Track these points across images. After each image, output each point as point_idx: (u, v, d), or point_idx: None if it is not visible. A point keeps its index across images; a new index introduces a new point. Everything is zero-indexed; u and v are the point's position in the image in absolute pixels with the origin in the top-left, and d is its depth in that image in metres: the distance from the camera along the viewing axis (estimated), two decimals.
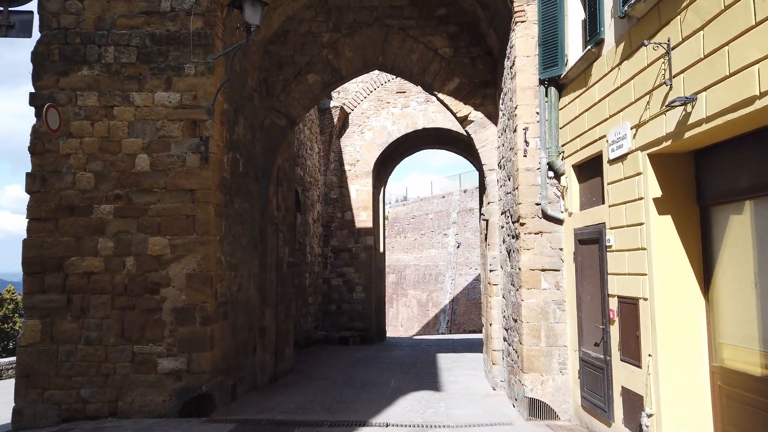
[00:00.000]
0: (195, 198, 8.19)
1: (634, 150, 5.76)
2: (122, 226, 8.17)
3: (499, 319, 10.06)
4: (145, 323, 8.04)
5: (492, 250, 10.24)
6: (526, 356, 7.75)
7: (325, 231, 19.39)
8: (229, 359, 8.84)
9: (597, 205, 6.85)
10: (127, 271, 8.12)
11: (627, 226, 5.94)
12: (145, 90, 8.32)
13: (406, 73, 10.73)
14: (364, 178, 19.44)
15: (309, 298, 17.46)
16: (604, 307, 6.55)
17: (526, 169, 8.01)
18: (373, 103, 19.61)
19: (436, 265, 34.60)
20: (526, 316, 7.80)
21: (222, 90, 8.53)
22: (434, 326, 33.44)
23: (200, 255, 8.11)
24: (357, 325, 18.90)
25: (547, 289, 7.83)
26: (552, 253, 7.89)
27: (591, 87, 6.85)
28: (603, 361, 6.59)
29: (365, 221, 19.33)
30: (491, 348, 10.28)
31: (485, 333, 11.23)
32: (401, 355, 15.67)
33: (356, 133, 19.60)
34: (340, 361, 14.29)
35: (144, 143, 8.27)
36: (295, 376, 11.80)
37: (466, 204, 33.60)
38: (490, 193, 10.33)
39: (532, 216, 7.95)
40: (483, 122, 10.42)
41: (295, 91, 10.71)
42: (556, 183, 7.93)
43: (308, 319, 17.40)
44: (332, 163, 19.61)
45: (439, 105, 19.31)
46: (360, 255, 19.25)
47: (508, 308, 9.17)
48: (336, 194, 19.55)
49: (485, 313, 11.22)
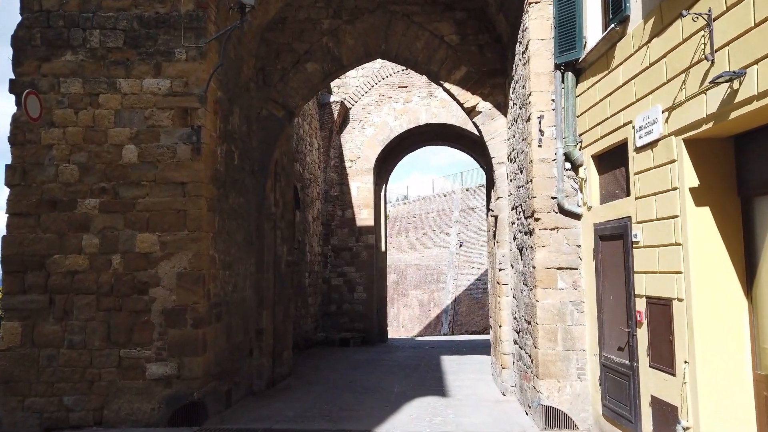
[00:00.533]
0: (186, 192, 7.65)
1: (666, 135, 5.23)
2: (108, 221, 7.63)
3: (509, 321, 9.53)
4: (132, 326, 7.50)
5: (501, 248, 9.70)
6: (542, 361, 7.21)
7: (325, 229, 18.85)
8: (223, 363, 8.30)
9: (620, 198, 6.32)
10: (114, 269, 7.58)
11: (658, 220, 5.41)
12: (132, 76, 7.78)
13: (411, 62, 10.19)
14: (365, 175, 18.90)
15: (308, 299, 16.92)
16: (629, 308, 6.01)
17: (540, 161, 7.47)
18: (374, 98, 19.08)
19: (438, 264, 34.07)
20: (542, 318, 7.26)
21: (215, 76, 7.99)
22: (436, 327, 32.91)
23: (192, 252, 7.57)
24: (358, 326, 18.37)
25: (564, 289, 7.30)
26: (569, 250, 7.35)
27: (614, 69, 6.31)
28: (628, 367, 6.05)
29: (366, 219, 18.80)
30: (500, 351, 9.74)
31: (493, 335, 10.70)
32: (404, 357, 15.13)
33: (357, 128, 19.07)
34: (341, 363, 13.76)
35: (131, 133, 7.73)
36: (294, 380, 11.26)
37: (469, 202, 33.06)
38: (499, 187, 9.80)
39: (548, 211, 7.41)
40: (491, 113, 9.88)
41: (293, 80, 10.17)
42: (573, 175, 7.39)
43: (308, 320, 16.86)
44: (332, 160, 19.08)
45: (442, 100, 18.82)
46: (361, 254, 18.71)
47: (519, 309, 8.64)
48: (336, 192, 19.01)
49: (493, 315, 10.68)
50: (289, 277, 11.57)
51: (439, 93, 18.85)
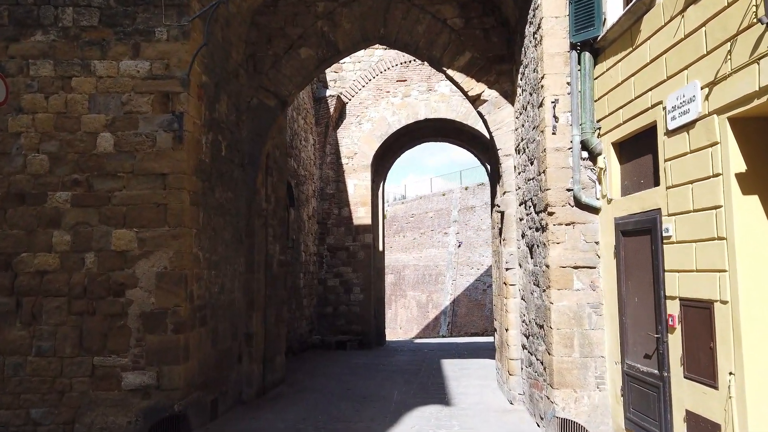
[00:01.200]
0: (167, 184, 6.99)
1: (706, 114, 4.59)
2: (81, 216, 6.97)
3: (517, 324, 8.88)
4: (107, 331, 6.84)
5: (508, 246, 9.06)
6: (557, 369, 6.56)
7: (321, 228, 18.19)
8: (208, 372, 7.63)
9: (647, 188, 5.68)
10: (87, 269, 6.91)
11: (695, 211, 4.77)
12: (108, 58, 7.12)
13: (411, 47, 9.54)
14: (362, 172, 18.26)
15: (303, 300, 16.26)
16: (659, 311, 5.37)
17: (555, 150, 6.83)
18: (371, 92, 18.43)
19: (436, 265, 33.43)
20: (556, 322, 6.61)
21: (200, 59, 7.34)
22: (434, 328, 32.27)
23: (173, 250, 6.90)
24: (355, 329, 17.71)
25: (581, 290, 6.65)
26: (586, 247, 6.71)
27: (640, 46, 5.67)
28: (657, 377, 5.41)
29: (363, 218, 18.15)
30: (507, 356, 9.10)
31: (499, 339, 10.05)
32: (403, 362, 14.47)
33: (354, 124, 18.42)
34: (337, 368, 13.09)
35: (107, 120, 7.06)
36: (287, 387, 10.59)
37: (468, 202, 32.44)
38: (506, 181, 9.16)
39: (563, 204, 6.77)
40: (498, 101, 9.24)
41: (286, 67, 9.51)
42: (591, 165, 6.75)
43: (302, 323, 16.20)
44: (328, 156, 18.42)
45: (441, 94, 18.19)
46: (358, 254, 18.06)
47: (529, 312, 7.99)
48: (332, 189, 18.36)
49: (499, 317, 10.04)
50: (282, 278, 10.91)
51: (439, 87, 18.24)
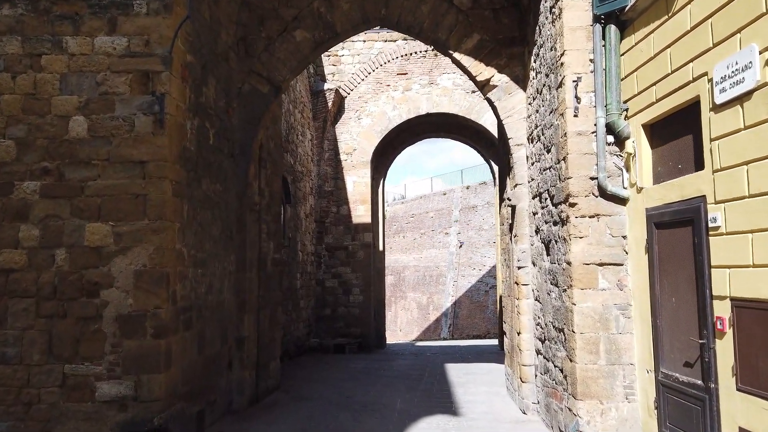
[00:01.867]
0: (146, 172, 6.30)
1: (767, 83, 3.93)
2: (51, 209, 6.28)
3: (530, 327, 8.21)
4: (79, 336, 6.14)
5: (520, 243, 8.38)
6: (581, 377, 5.88)
7: (319, 227, 17.51)
8: (193, 380, 6.94)
9: (688, 173, 5.01)
10: (57, 267, 6.22)
11: (751, 197, 4.10)
12: (82, 33, 6.43)
13: (415, 29, 8.87)
14: (361, 169, 17.59)
15: (300, 302, 15.57)
16: (703, 313, 4.70)
17: (576, 134, 6.16)
18: (371, 86, 17.77)
19: (437, 266, 32.77)
20: (580, 325, 5.93)
21: (183, 35, 6.66)
22: (435, 331, 31.59)
23: (153, 246, 6.21)
24: (354, 331, 17.03)
25: (607, 290, 5.98)
26: (612, 242, 6.03)
27: (678, 12, 5.00)
28: (702, 388, 4.73)
29: (363, 216, 17.47)
30: (519, 362, 8.42)
31: (509, 343, 9.37)
32: (405, 366, 13.79)
33: (353, 119, 17.75)
34: (336, 373, 12.40)
35: (80, 102, 6.38)
36: (282, 394, 9.89)
37: (469, 201, 31.78)
38: (518, 173, 8.48)
39: (586, 194, 6.09)
40: (508, 87, 8.57)
41: (279, 50, 8.83)
42: (617, 150, 6.08)
43: (299, 325, 15.51)
44: (326, 152, 17.75)
45: (443, 88, 17.53)
46: (357, 253, 17.38)
47: (545, 314, 7.31)
48: (331, 186, 17.68)
49: (509, 320, 9.36)
50: (277, 278, 10.23)
51: (441, 80, 17.59)
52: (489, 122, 17.32)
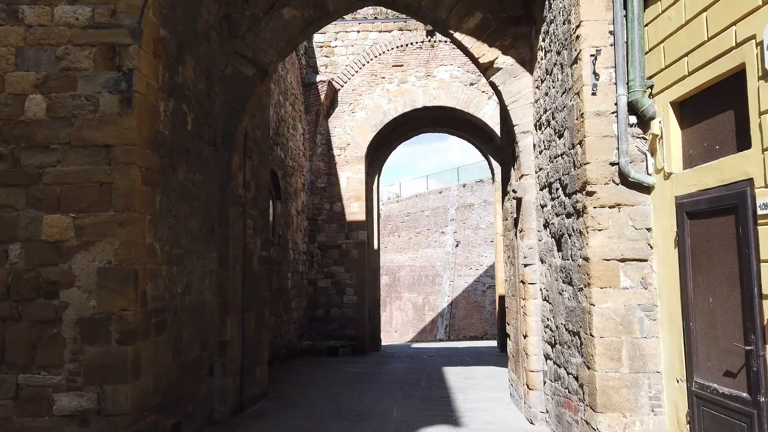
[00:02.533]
0: (112, 158, 5.62)
1: None
2: (4, 198, 5.58)
3: (538, 330, 7.55)
4: (36, 341, 5.45)
5: (527, 238, 7.73)
6: (601, 387, 5.23)
7: (311, 225, 16.83)
8: (168, 389, 6.25)
9: (728, 154, 4.37)
10: (11, 264, 5.53)
11: None
12: (40, 2, 5.74)
13: (413, 7, 8.20)
14: (355, 164, 16.92)
15: (291, 303, 14.89)
16: (750, 314, 4.05)
17: (595, 114, 5.50)
18: (365, 78, 17.10)
19: (433, 265, 32.12)
20: (600, 329, 5.28)
21: (156, 6, 5.98)
22: (431, 332, 30.95)
23: (119, 240, 5.53)
24: (348, 333, 16.36)
25: (630, 289, 5.33)
26: (635, 234, 5.38)
27: None
28: (749, 402, 4.09)
29: (357, 213, 16.81)
30: (525, 367, 7.77)
31: (514, 347, 8.72)
32: (401, 370, 13.12)
33: (346, 112, 17.09)
34: (328, 378, 11.73)
35: (38, 79, 5.68)
36: (270, 402, 9.20)
37: (466, 199, 31.16)
38: (524, 163, 7.83)
39: (605, 181, 5.44)
40: (514, 69, 7.92)
41: (265, 30, 8.15)
42: (641, 133, 5.44)
43: (290, 327, 14.83)
44: (319, 147, 17.07)
45: (441, 81, 16.88)
46: (351, 252, 16.71)
47: (556, 316, 6.66)
48: (323, 183, 17.01)
49: (514, 321, 8.71)
50: (264, 277, 9.55)
51: (438, 73, 16.95)
52: (488, 116, 16.71)
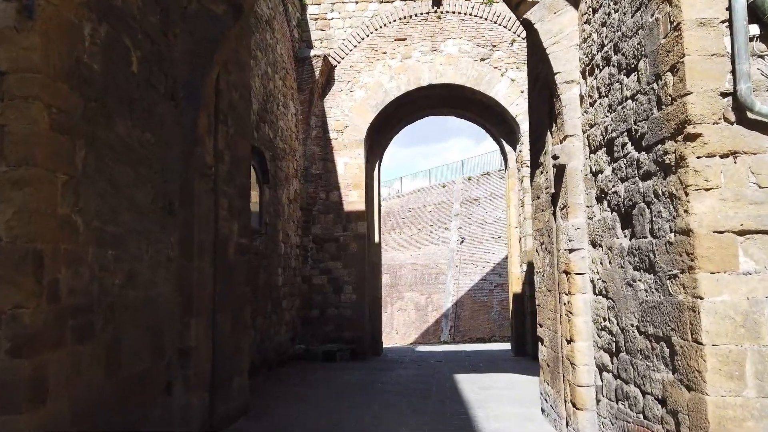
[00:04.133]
0: (5, 89, 3.95)
1: None
2: None
3: (589, 333, 5.89)
4: None
5: (572, 217, 6.07)
6: (715, 419, 3.55)
7: (305, 215, 15.17)
8: (97, 417, 4.57)
9: None
10: None
11: None
12: None
13: None
14: (354, 149, 15.27)
15: (282, 302, 13.22)
16: None
17: (698, 24, 3.82)
18: (365, 53, 15.45)
19: (437, 263, 30.48)
20: (712, 332, 3.61)
21: None
22: (435, 333, 29.28)
23: (13, 208, 3.85)
24: (346, 336, 14.70)
25: (754, 274, 3.65)
26: (761, 196, 3.72)
27: None
28: None
29: (356, 203, 15.15)
30: (570, 380, 6.11)
31: (551, 354, 7.04)
32: (407, 378, 11.46)
33: (344, 91, 15.43)
34: (323, 389, 10.06)
35: None
36: (249, 422, 7.52)
37: (471, 193, 29.51)
38: (568, 121, 6.17)
39: (715, 119, 3.76)
40: (554, 3, 6.26)
41: None
42: (766, 49, 3.78)
43: (282, 329, 13.16)
44: (314, 130, 15.42)
45: (448, 56, 15.23)
46: (349, 246, 15.05)
47: (624, 314, 4.99)
48: (319, 169, 15.35)
49: (550, 322, 7.04)
50: (244, 269, 7.87)
51: (445, 47, 15.30)
52: (501, 94, 15.07)
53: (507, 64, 15.13)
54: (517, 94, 15.04)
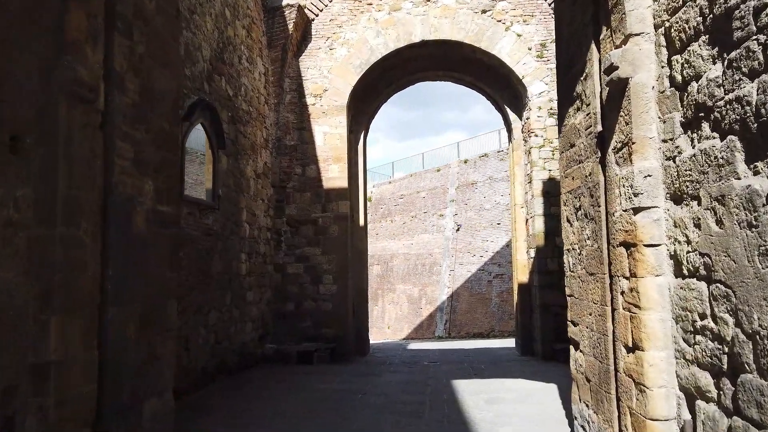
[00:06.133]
0: None
1: None
2: None
3: (668, 340, 3.78)
4: None
5: (639, 159, 3.94)
6: None
7: (278, 194, 13.02)
8: None
9: None
10: None
11: None
12: None
13: None
14: (334, 116, 13.11)
15: (247, 294, 11.08)
16: None
17: None
18: (347, 4, 13.28)
19: (431, 253, 28.37)
20: None
21: None
22: (429, 328, 27.22)
23: None
24: (326, 333, 12.58)
25: None
26: None
27: None
28: None
29: (337, 179, 13.01)
30: (635, 409, 4.01)
31: (597, 365, 4.92)
32: (396, 385, 9.35)
33: (323, 49, 13.25)
34: (290, 402, 7.95)
35: None
36: None
37: (468, 177, 27.38)
38: (632, 12, 4.02)
39: None
40: None
41: None
42: None
43: (246, 327, 11.02)
44: (287, 94, 13.24)
45: (444, 7, 13.04)
46: (330, 229, 12.92)
47: (756, 308, 2.88)
48: (294, 140, 13.18)
49: (597, 321, 4.91)
50: (162, 247, 5.69)
51: None
52: (505, 52, 12.92)
53: (512, 17, 12.98)
54: (524, 51, 12.91)
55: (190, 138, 8.70)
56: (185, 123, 8.05)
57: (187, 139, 8.26)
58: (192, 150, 8.87)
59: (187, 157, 8.76)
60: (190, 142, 8.78)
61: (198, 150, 9.14)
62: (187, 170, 8.52)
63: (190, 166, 8.78)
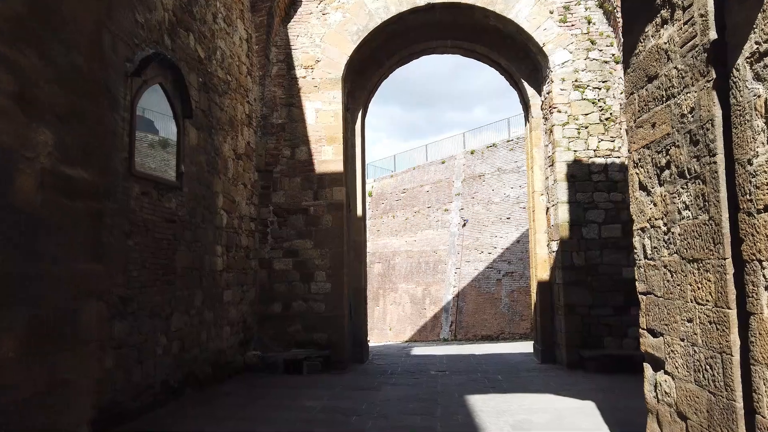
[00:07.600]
0: None
1: None
2: None
3: None
4: None
5: None
6: None
7: (264, 179, 11.41)
8: None
9: None
10: None
11: None
12: None
13: None
14: (328, 90, 11.50)
15: (225, 293, 9.46)
16: None
17: None
18: None
19: (435, 250, 26.74)
20: None
21: None
22: (433, 330, 25.58)
23: None
24: (318, 338, 10.98)
25: None
26: None
27: None
28: None
29: (331, 162, 11.40)
30: None
31: (707, 398, 3.28)
32: (398, 403, 7.73)
33: (314, 14, 11.64)
34: (268, 424, 6.33)
35: None
36: None
37: (474, 169, 25.75)
38: None
39: None
40: None
41: None
42: None
43: (223, 331, 9.41)
44: (274, 65, 11.62)
45: None
46: (322, 219, 11.30)
47: None
48: (282, 117, 11.57)
49: (705, 331, 3.28)
50: (84, 228, 4.07)
51: None
52: (523, 16, 11.30)
53: None
54: (545, 15, 11.28)
55: (151, 102, 7.10)
56: (135, 78, 6.43)
57: (140, 99, 6.63)
58: (151, 116, 7.26)
59: (149, 128, 7.16)
60: (151, 107, 7.17)
61: (162, 116, 7.53)
62: (151, 143, 6.90)
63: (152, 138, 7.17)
